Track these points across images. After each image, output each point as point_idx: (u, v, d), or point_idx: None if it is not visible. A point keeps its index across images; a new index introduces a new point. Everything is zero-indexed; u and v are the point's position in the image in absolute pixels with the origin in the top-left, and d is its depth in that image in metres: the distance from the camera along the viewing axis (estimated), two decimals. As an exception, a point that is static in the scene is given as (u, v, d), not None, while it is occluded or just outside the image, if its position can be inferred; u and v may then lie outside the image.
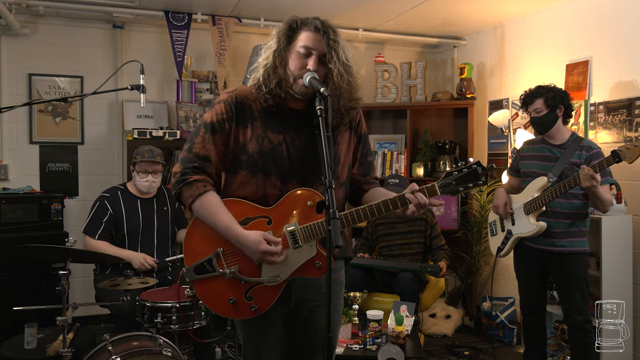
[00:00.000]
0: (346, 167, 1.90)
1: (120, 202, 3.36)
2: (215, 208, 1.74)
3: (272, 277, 1.74)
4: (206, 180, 1.78)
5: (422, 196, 1.71)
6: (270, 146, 1.78)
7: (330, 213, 1.50)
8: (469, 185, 1.74)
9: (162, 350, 2.49)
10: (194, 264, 1.79)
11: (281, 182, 1.77)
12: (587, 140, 3.10)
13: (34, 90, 4.40)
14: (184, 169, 1.77)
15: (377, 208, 1.74)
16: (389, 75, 5.06)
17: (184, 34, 4.45)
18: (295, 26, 1.77)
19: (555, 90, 3.04)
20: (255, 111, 1.80)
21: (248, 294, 1.76)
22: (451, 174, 1.75)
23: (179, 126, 4.55)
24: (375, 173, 2.03)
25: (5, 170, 4.32)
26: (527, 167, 3.14)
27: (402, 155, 4.98)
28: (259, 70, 1.80)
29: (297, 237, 1.73)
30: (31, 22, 4.35)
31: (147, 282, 2.81)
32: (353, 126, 1.93)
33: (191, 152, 1.78)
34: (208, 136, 1.78)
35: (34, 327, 2.79)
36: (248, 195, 1.78)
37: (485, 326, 4.42)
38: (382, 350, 2.82)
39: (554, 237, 2.99)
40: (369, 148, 2.02)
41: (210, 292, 1.80)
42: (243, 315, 1.79)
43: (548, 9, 4.21)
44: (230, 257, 1.77)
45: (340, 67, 1.74)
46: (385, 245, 4.08)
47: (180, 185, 1.76)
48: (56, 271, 3.83)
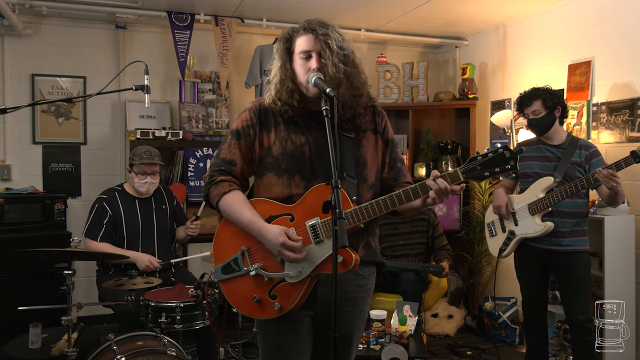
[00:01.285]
0: (374, 170, 1.91)
1: (119, 203, 3.35)
2: (239, 204, 1.80)
3: (294, 272, 1.74)
4: (232, 180, 1.86)
5: (442, 181, 1.65)
6: (293, 147, 1.82)
7: (337, 213, 1.51)
8: (496, 170, 1.64)
9: (166, 349, 2.50)
10: (221, 264, 1.86)
11: (306, 182, 1.80)
12: (582, 139, 3.14)
13: (36, 90, 4.40)
14: (211, 172, 1.88)
15: (397, 198, 1.72)
16: (391, 76, 5.07)
17: (187, 34, 4.46)
18: (289, 37, 1.84)
19: (552, 92, 3.06)
20: (279, 117, 1.86)
21: (272, 292, 1.78)
22: (475, 159, 1.65)
23: (182, 126, 4.55)
24: (409, 177, 2.00)
25: (9, 170, 4.33)
26: (526, 168, 3.15)
27: (405, 156, 4.99)
28: (270, 87, 1.87)
29: (319, 232, 1.74)
30: (34, 22, 4.36)
31: (151, 282, 2.82)
32: (379, 130, 1.94)
33: (218, 157, 1.89)
34: (234, 142, 1.87)
35: (38, 327, 2.80)
36: (274, 196, 1.82)
37: (487, 326, 4.43)
38: (386, 350, 2.82)
39: (560, 237, 3.00)
40: (398, 155, 2.00)
41: (236, 291, 1.84)
42: (268, 314, 1.79)
43: (550, 10, 4.21)
44: (254, 255, 1.81)
45: (335, 59, 1.75)
46: (388, 245, 4.09)
47: (208, 186, 1.86)
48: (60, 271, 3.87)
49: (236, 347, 3.61)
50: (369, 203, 1.73)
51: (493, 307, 4.37)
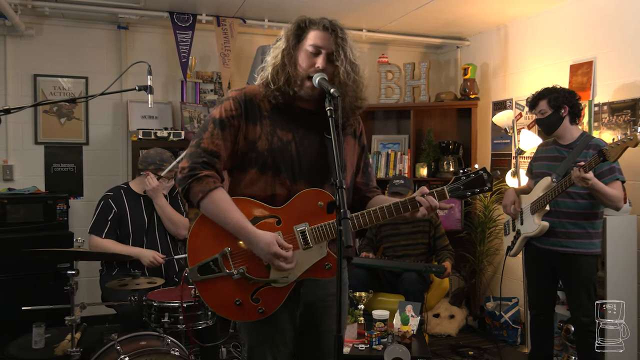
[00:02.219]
0: (350, 173, 1.91)
1: (124, 200, 3.37)
2: (226, 205, 1.70)
3: (281, 278, 1.72)
4: (215, 176, 1.74)
5: (432, 199, 1.73)
6: (280, 144, 1.77)
7: (342, 213, 1.49)
8: (476, 191, 1.80)
9: (170, 349, 2.50)
10: (198, 264, 1.75)
11: (290, 181, 1.76)
12: (597, 138, 3.11)
13: (39, 91, 4.41)
14: (192, 163, 1.72)
15: (388, 210, 1.75)
16: (393, 76, 5.07)
17: (189, 34, 4.46)
18: (304, 25, 1.78)
19: (559, 91, 3.06)
20: (264, 109, 1.80)
21: (255, 295, 1.74)
22: (459, 178, 1.81)
23: (184, 127, 4.56)
24: (375, 182, 2.06)
25: (11, 170, 4.33)
26: (537, 168, 3.19)
27: (406, 156, 4.99)
28: (267, 69, 1.80)
29: (308, 238, 1.73)
30: (36, 23, 4.37)
31: (154, 282, 2.82)
32: (357, 134, 1.96)
33: (199, 147, 1.74)
34: (217, 132, 1.75)
35: (41, 327, 2.81)
36: (256, 193, 1.76)
37: (489, 326, 4.43)
38: (389, 350, 2.82)
39: (559, 237, 3.00)
40: (369, 159, 2.06)
41: (215, 293, 1.75)
42: (249, 317, 1.76)
43: (552, 10, 4.22)
44: (237, 257, 1.74)
45: (347, 66, 1.75)
46: (389, 245, 4.09)
47: (189, 180, 1.70)
48: (62, 271, 3.88)
49: (238, 347, 3.61)
50: (361, 213, 1.76)
51: (496, 307, 4.37)
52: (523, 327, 4.19)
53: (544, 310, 3.23)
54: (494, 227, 4.63)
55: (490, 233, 4.66)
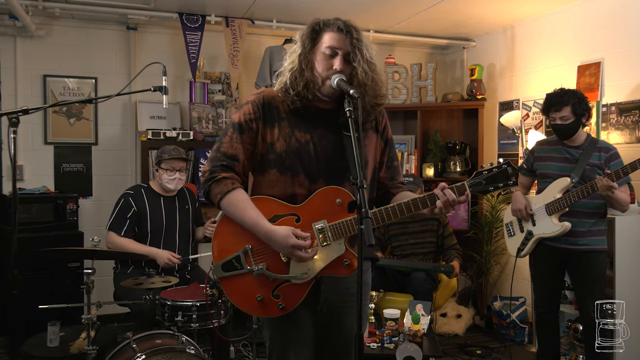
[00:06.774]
0: (371, 169, 1.91)
1: (145, 199, 3.39)
2: (243, 204, 1.76)
3: (300, 274, 1.76)
4: (234, 177, 1.80)
5: (450, 193, 1.71)
6: (298, 145, 1.79)
7: (363, 212, 1.51)
8: (499, 185, 1.76)
9: (185, 348, 2.52)
10: (221, 261, 1.82)
11: (309, 181, 1.78)
12: (602, 141, 3.17)
13: (48, 91, 4.43)
14: (212, 167, 1.80)
15: (406, 206, 1.76)
16: (400, 77, 5.09)
17: (198, 35, 4.49)
18: (318, 28, 1.80)
19: (580, 97, 3.01)
20: (283, 112, 1.83)
21: (275, 291, 1.77)
22: (481, 173, 1.76)
23: (192, 127, 4.58)
24: (402, 177, 2.05)
25: (21, 170, 4.36)
26: (545, 169, 3.18)
27: (413, 156, 5.01)
28: (285, 74, 1.83)
29: (326, 235, 1.75)
30: (46, 23, 4.39)
31: (169, 281, 2.84)
32: (379, 129, 1.95)
33: (219, 151, 1.82)
34: (236, 136, 1.81)
35: (56, 325, 2.82)
36: (277, 194, 1.80)
37: (496, 325, 4.45)
38: (401, 349, 2.85)
39: (577, 236, 3.03)
40: (395, 153, 2.04)
41: (238, 289, 1.81)
42: (270, 313, 1.80)
43: (559, 11, 4.24)
44: (258, 254, 1.79)
45: (365, 65, 1.77)
46: (397, 245, 4.11)
47: (209, 182, 1.79)
48: (72, 270, 3.91)
49: (248, 346, 3.64)
50: (378, 210, 1.77)
51: (503, 307, 4.39)
52: (530, 326, 4.21)
53: (551, 310, 3.25)
54: (501, 227, 4.63)
55: (497, 233, 4.68)
